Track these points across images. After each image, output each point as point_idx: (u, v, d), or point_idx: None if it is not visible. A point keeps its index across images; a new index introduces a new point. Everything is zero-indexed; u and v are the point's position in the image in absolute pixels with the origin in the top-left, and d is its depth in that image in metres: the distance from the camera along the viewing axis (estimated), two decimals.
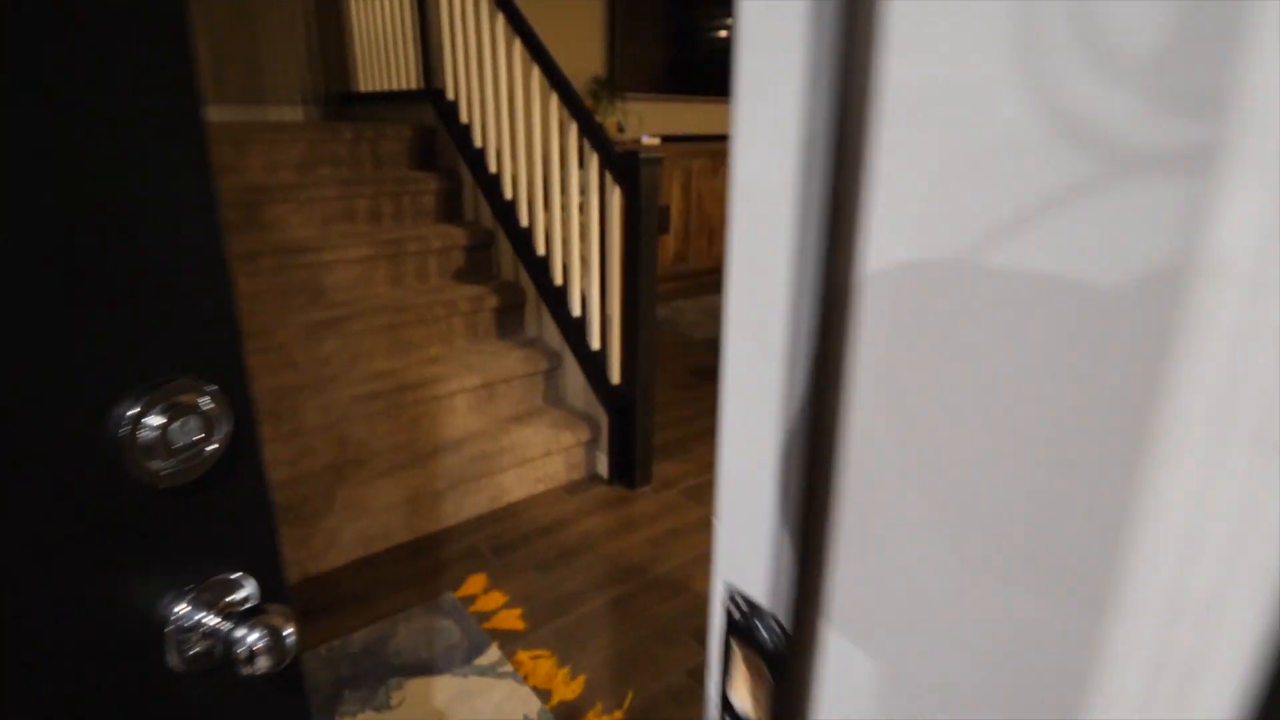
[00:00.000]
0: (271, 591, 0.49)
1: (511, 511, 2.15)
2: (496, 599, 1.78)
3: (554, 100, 2.28)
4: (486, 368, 2.30)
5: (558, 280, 2.47)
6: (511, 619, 1.72)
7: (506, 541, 2.01)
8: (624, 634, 1.68)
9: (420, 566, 1.90)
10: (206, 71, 3.25)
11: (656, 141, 4.55)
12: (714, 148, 4.83)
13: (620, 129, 4.50)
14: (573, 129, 2.23)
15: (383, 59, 3.25)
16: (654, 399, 2.29)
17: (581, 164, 2.24)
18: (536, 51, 2.29)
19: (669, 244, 4.74)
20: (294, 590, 1.79)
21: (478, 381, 2.25)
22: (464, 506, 2.09)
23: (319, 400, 1.98)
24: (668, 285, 4.77)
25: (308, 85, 3.53)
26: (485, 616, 1.72)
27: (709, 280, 5.09)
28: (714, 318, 4.15)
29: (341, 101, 3.59)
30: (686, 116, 5.26)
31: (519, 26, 2.35)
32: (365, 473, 1.96)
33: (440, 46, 2.78)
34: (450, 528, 2.06)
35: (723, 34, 5.09)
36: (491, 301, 2.51)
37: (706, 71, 5.15)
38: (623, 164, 2.04)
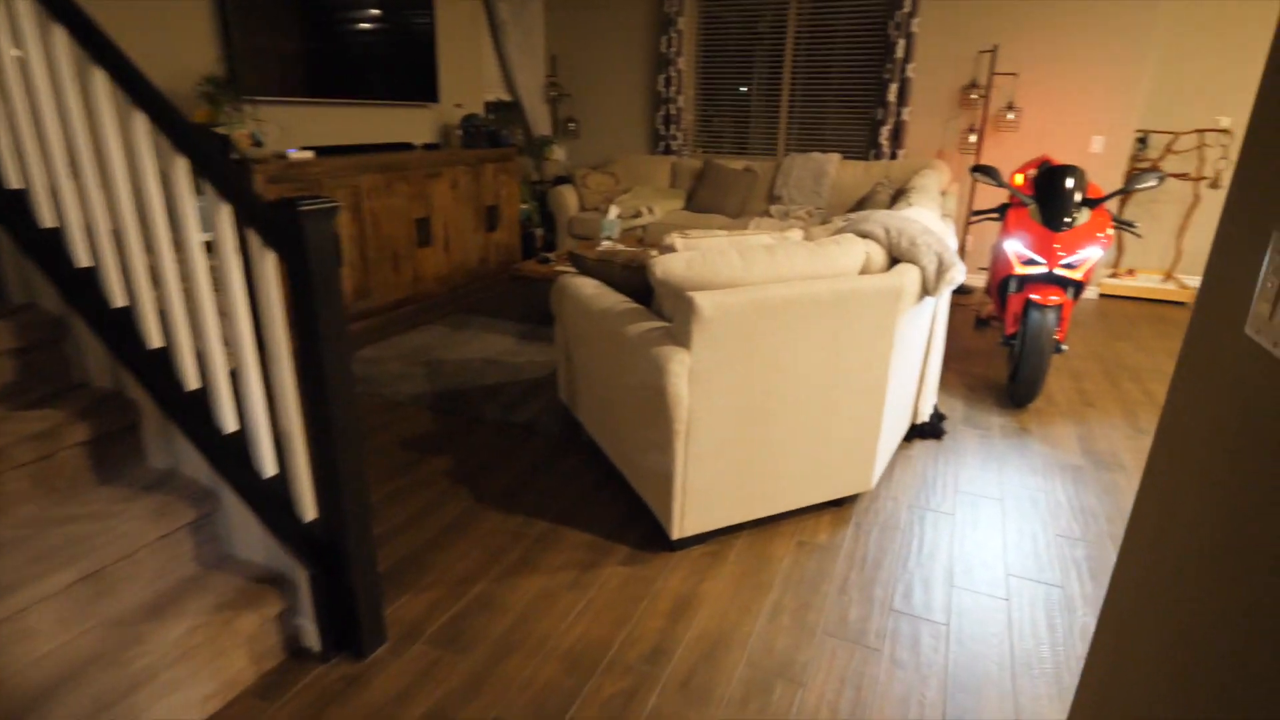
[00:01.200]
0: None
1: None
2: None
3: (140, 121, 1.49)
4: (84, 545, 1.45)
5: (191, 383, 1.68)
6: None
7: None
8: None
9: None
10: None
11: (309, 155, 3.70)
12: (385, 159, 4.11)
13: (256, 142, 3.55)
14: (180, 165, 1.48)
15: None
16: (372, 528, 1.67)
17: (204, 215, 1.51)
18: (97, 47, 1.47)
19: (345, 278, 3.94)
20: None
21: (71, 575, 1.40)
22: None
23: None
24: (351, 328, 3.97)
25: None
26: None
27: (401, 315, 4.37)
28: (419, 364, 3.50)
29: None
30: (343, 123, 4.41)
31: (58, 5, 1.49)
32: None
33: None
34: None
35: (365, 26, 4.34)
36: (77, 432, 1.62)
37: (355, 69, 4.36)
38: (274, 219, 1.37)
